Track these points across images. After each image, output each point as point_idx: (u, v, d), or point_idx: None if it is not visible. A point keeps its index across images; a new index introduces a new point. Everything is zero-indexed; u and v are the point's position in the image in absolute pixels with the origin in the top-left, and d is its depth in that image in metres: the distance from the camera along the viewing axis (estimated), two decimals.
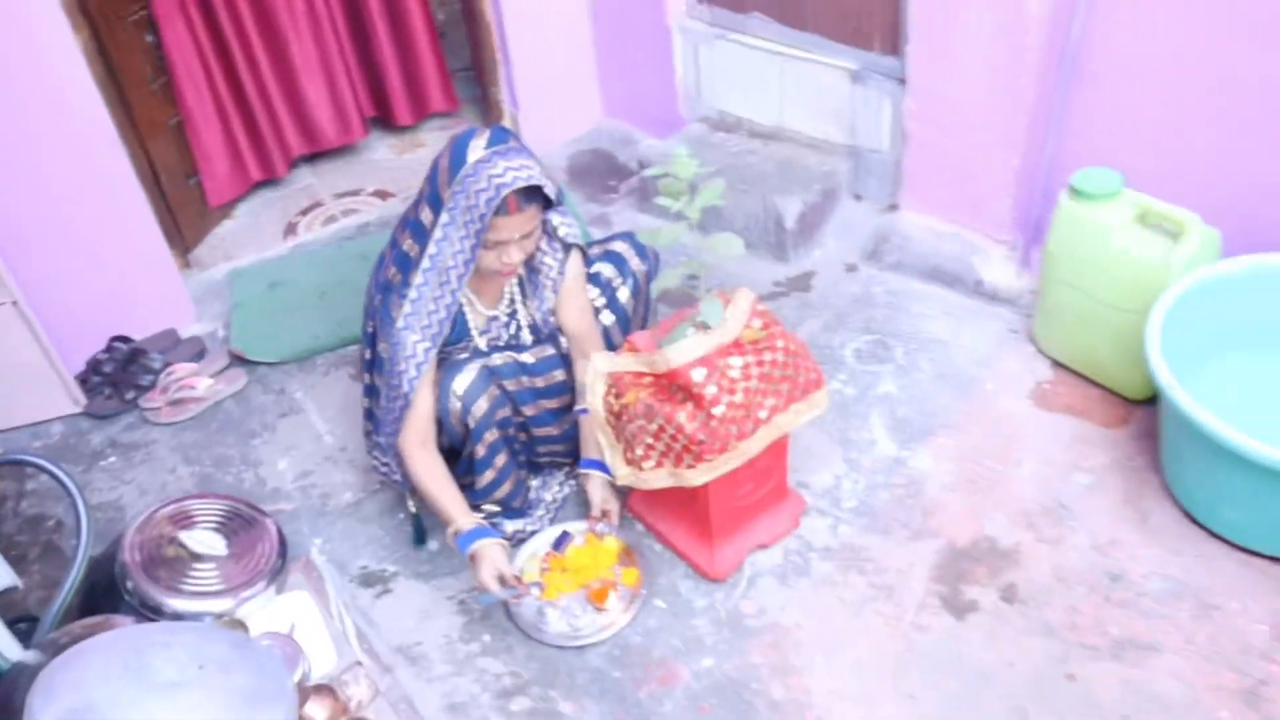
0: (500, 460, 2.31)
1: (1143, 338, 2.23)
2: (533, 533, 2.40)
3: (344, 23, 3.79)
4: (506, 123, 3.89)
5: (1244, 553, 2.16)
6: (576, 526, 2.38)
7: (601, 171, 3.71)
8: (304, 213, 3.72)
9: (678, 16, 3.44)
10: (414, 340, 2.17)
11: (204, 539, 2.25)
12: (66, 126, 2.78)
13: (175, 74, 3.40)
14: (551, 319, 2.35)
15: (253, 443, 2.79)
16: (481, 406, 2.23)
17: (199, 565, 2.21)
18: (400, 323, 2.16)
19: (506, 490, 2.35)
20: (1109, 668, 2.01)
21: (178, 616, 2.12)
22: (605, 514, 2.36)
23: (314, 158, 3.98)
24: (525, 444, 2.40)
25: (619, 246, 2.51)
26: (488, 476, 2.30)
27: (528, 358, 2.31)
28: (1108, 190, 2.38)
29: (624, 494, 2.43)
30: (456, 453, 2.34)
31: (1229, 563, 2.15)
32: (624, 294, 2.46)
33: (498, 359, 2.28)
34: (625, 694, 2.09)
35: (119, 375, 2.98)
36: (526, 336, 2.34)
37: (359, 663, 2.10)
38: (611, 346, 2.45)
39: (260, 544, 2.29)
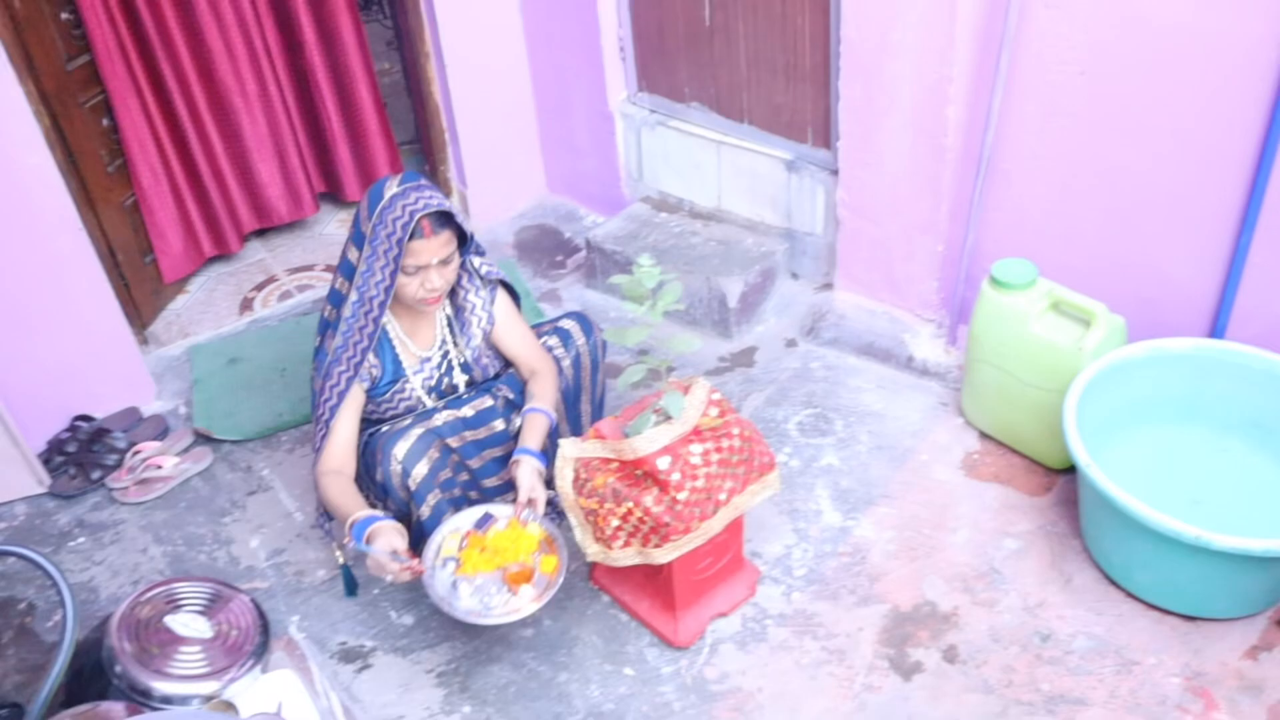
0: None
1: (1060, 415, 2.45)
2: None
3: (295, 100, 3.90)
4: (455, 199, 4.03)
5: (1157, 611, 2.38)
6: (501, 510, 2.39)
7: (548, 247, 3.86)
8: (258, 288, 3.79)
9: (619, 103, 3.63)
10: (339, 370, 2.34)
11: (188, 622, 2.30)
12: (27, 209, 2.85)
13: (130, 154, 3.46)
14: (484, 360, 2.51)
15: (223, 521, 2.86)
16: (421, 470, 2.35)
17: (185, 648, 2.26)
18: (330, 355, 2.35)
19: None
20: None
21: (167, 700, 2.16)
22: (531, 502, 2.39)
23: (265, 232, 4.06)
24: (479, 499, 2.52)
25: (566, 324, 2.66)
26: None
27: (467, 411, 2.46)
28: (1023, 281, 2.61)
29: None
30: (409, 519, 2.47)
31: (1144, 620, 2.37)
32: (565, 363, 2.62)
33: (439, 419, 2.42)
34: None
35: (83, 455, 3.02)
36: (459, 377, 2.49)
37: None
38: (569, 396, 2.61)
39: (242, 624, 2.35)
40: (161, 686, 2.18)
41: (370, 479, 2.48)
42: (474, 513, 2.39)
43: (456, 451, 2.42)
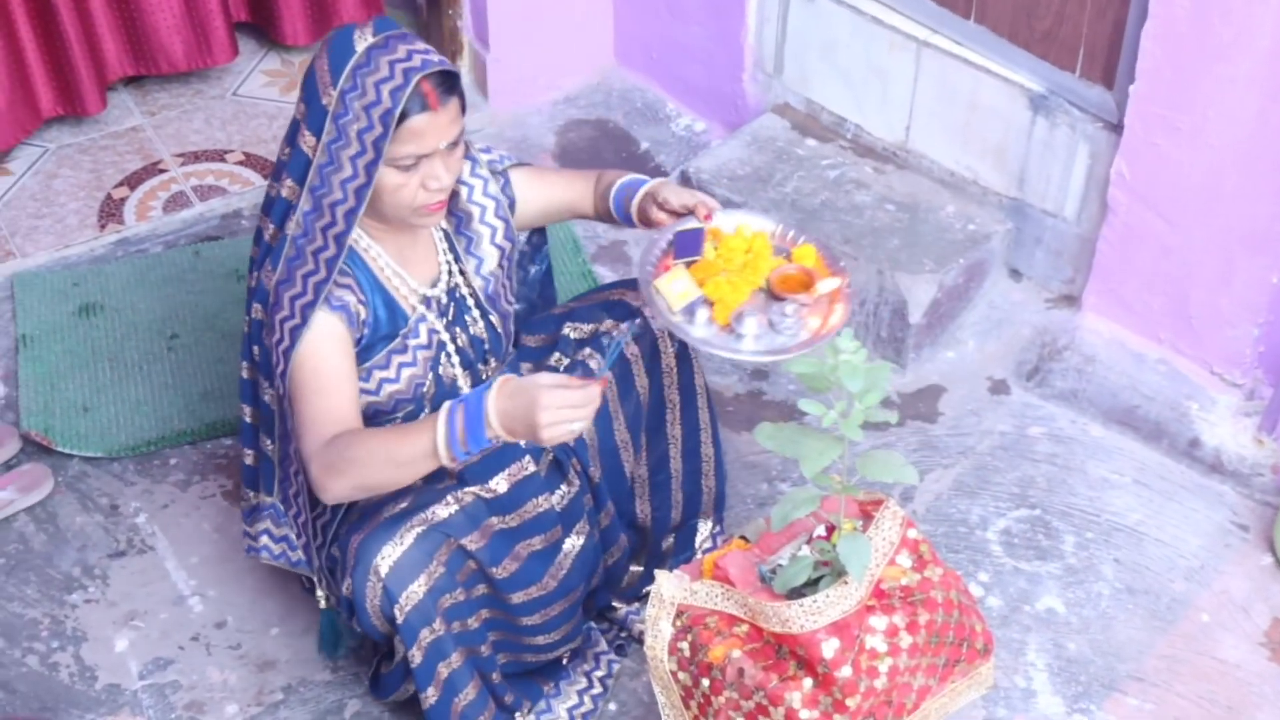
0: (445, 669, 2.40)
1: None
2: None
3: None
4: (468, 65, 4.01)
5: None
6: (690, 224, 2.51)
7: (611, 164, 3.83)
8: (130, 181, 3.78)
9: None
10: (281, 317, 2.33)
11: None
12: None
13: None
14: (502, 297, 2.57)
15: (69, 600, 2.87)
16: (417, 593, 2.34)
17: None
18: (270, 294, 2.34)
19: (473, 708, 2.47)
20: None
21: None
22: (704, 206, 2.52)
23: (144, 82, 4.03)
24: (503, 640, 2.53)
25: (634, 299, 2.65)
26: (429, 697, 2.41)
27: (499, 484, 2.45)
28: None
29: None
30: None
31: None
32: (666, 349, 2.65)
33: (445, 508, 2.40)
34: None
35: None
36: (478, 324, 2.55)
37: None
38: (636, 428, 2.67)
39: None
40: None
41: (329, 577, 2.49)
42: (658, 243, 2.51)
43: (473, 557, 2.43)
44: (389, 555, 2.32)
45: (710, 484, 2.84)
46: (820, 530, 2.31)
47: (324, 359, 2.33)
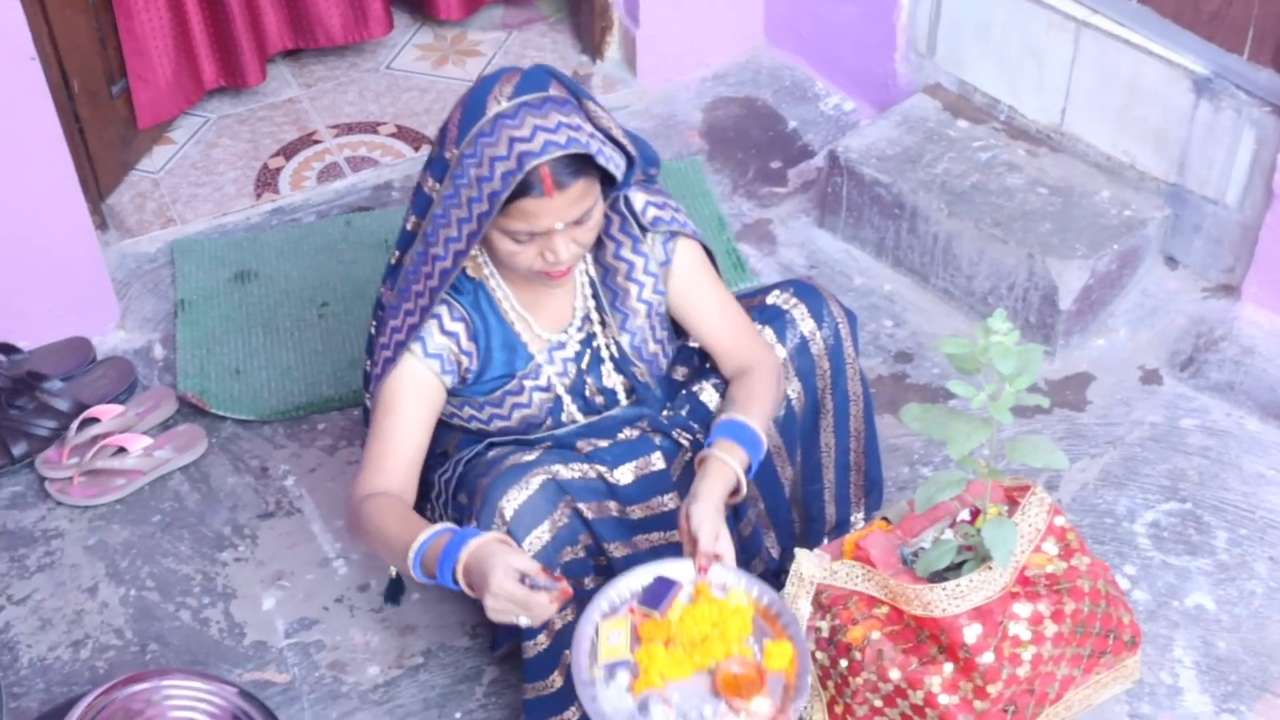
0: (561, 620, 2.39)
1: None
2: None
3: None
4: (617, 41, 4.02)
5: None
6: (679, 569, 2.28)
7: (758, 142, 3.83)
8: (286, 152, 3.85)
9: None
10: (380, 342, 2.39)
11: None
12: None
13: None
14: (650, 351, 2.52)
15: (220, 558, 2.94)
16: (541, 538, 2.33)
17: None
18: (388, 302, 2.40)
19: (561, 666, 2.44)
20: None
21: None
22: (716, 557, 2.29)
23: (300, 56, 4.09)
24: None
25: (779, 299, 2.60)
26: (538, 645, 2.40)
27: (622, 475, 2.45)
28: None
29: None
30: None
31: None
32: (816, 349, 2.58)
33: (571, 470, 2.41)
34: None
35: (1, 412, 3.12)
36: (611, 377, 2.51)
37: None
38: (792, 433, 2.60)
39: None
40: None
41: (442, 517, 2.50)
42: (636, 578, 2.29)
43: (590, 528, 2.43)
44: (514, 499, 2.32)
45: (859, 478, 2.76)
46: (965, 515, 2.29)
47: (400, 406, 2.38)
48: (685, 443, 2.52)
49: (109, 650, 2.79)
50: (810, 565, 2.32)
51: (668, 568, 2.27)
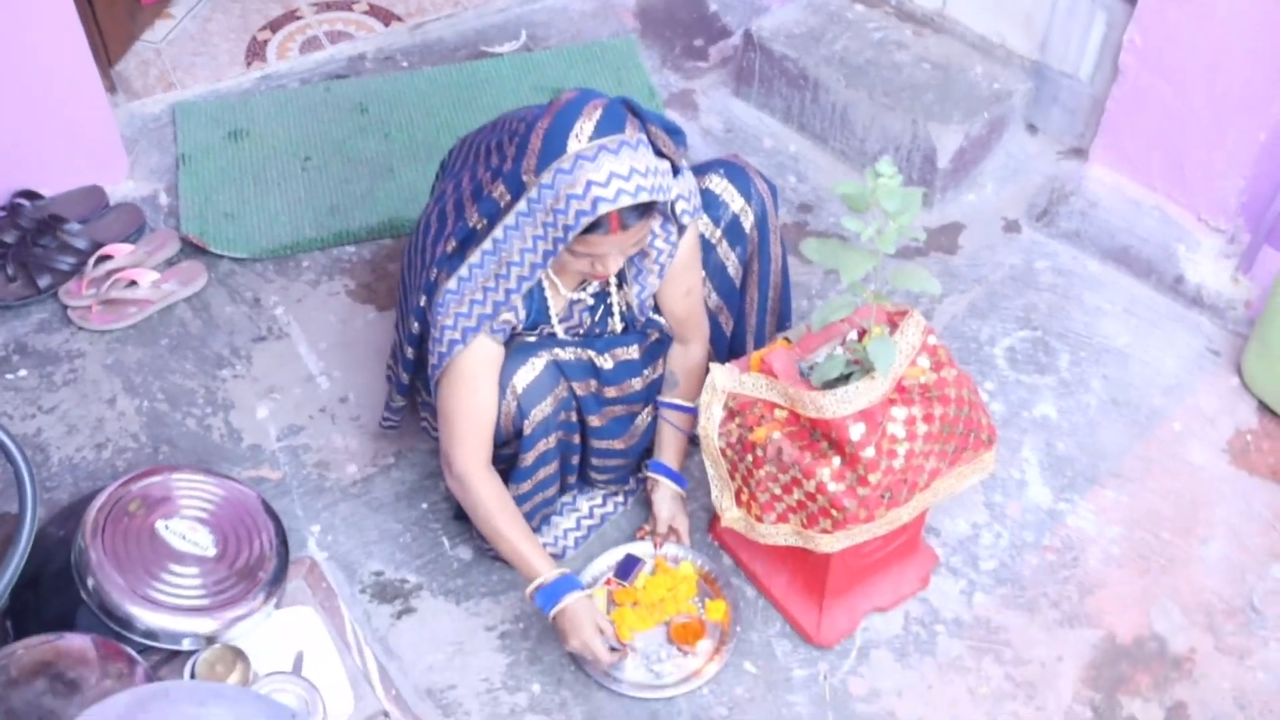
0: (545, 472, 2.53)
1: None
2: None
3: None
4: None
5: None
6: (641, 548, 2.65)
7: (685, 24, 3.81)
8: (272, 26, 3.79)
9: None
10: (445, 324, 2.34)
11: (187, 532, 2.42)
12: None
13: None
14: (649, 304, 2.53)
15: (220, 374, 2.96)
16: (544, 410, 2.43)
17: (180, 569, 2.37)
18: (439, 297, 2.33)
19: (537, 503, 2.57)
20: None
21: (151, 635, 2.28)
22: (673, 532, 2.64)
23: None
24: (580, 460, 2.63)
25: (712, 184, 2.61)
26: (523, 488, 2.52)
27: (605, 361, 2.50)
28: None
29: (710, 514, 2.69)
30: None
31: None
32: (748, 223, 2.61)
33: (567, 353, 2.48)
34: None
35: (26, 251, 3.09)
36: (616, 325, 2.53)
37: (385, 714, 2.35)
38: (731, 295, 2.67)
39: (255, 543, 2.46)
40: (147, 617, 2.27)
41: None
42: (610, 557, 2.65)
43: (578, 401, 2.49)
44: (524, 377, 2.41)
45: (774, 319, 2.80)
46: (853, 334, 2.34)
47: (479, 384, 2.39)
48: (654, 336, 2.57)
49: (127, 451, 2.82)
50: (723, 377, 2.37)
51: (635, 548, 2.65)
